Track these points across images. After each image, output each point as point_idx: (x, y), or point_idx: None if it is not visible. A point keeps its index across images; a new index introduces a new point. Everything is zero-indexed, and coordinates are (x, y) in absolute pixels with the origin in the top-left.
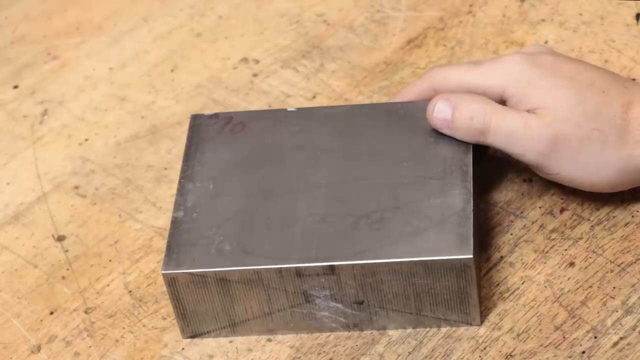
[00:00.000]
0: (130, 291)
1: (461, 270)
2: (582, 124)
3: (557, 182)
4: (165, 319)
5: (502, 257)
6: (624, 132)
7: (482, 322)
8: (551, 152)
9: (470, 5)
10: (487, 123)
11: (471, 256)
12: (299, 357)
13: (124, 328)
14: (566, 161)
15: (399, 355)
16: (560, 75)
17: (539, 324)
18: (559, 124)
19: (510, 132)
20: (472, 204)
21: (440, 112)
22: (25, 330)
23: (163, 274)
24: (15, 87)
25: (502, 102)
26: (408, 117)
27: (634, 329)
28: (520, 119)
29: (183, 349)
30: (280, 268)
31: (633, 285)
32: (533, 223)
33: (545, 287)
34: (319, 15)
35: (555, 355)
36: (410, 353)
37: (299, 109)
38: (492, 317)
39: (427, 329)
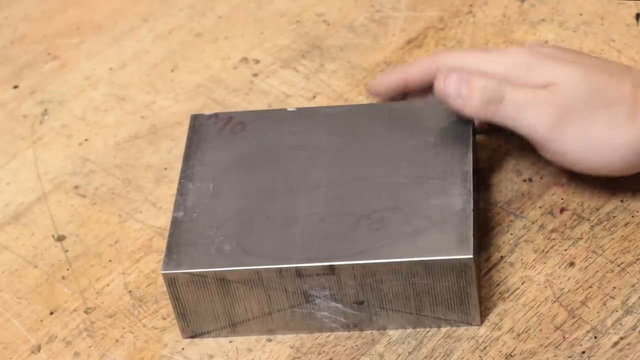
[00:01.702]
0: (130, 291)
1: (461, 270)
2: (590, 100)
3: (566, 168)
4: (165, 319)
5: (502, 257)
6: (634, 111)
7: (482, 322)
8: (560, 125)
9: (470, 5)
10: (501, 92)
11: (471, 256)
12: (299, 357)
13: (124, 328)
14: (575, 138)
15: (399, 355)
16: (563, 59)
17: (539, 324)
18: (566, 98)
19: (522, 103)
20: (472, 204)
21: (452, 82)
22: (25, 330)
23: (163, 274)
24: (15, 87)
25: None
26: (408, 117)
27: (634, 329)
28: (531, 91)
29: (183, 349)
30: (280, 268)
31: (633, 285)
32: (533, 223)
33: (545, 287)
34: (319, 15)
35: (555, 355)
36: (410, 353)
37: (299, 109)
38: (492, 317)
39: (427, 329)
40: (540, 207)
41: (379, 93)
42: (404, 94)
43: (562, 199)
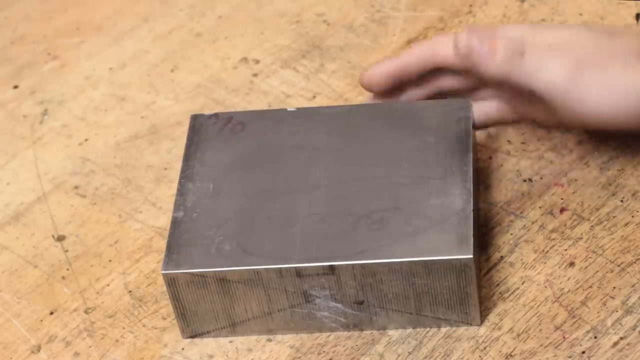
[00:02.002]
0: (130, 291)
1: (461, 270)
2: (598, 50)
3: (582, 124)
4: (165, 319)
5: (502, 257)
6: None
7: (482, 322)
8: (578, 73)
9: (470, 5)
10: (523, 46)
11: (471, 256)
12: (299, 357)
13: (124, 328)
14: (593, 84)
15: (399, 355)
16: (561, 24)
17: (539, 324)
18: (580, 48)
19: (541, 56)
20: (472, 204)
21: (475, 38)
22: (25, 330)
23: (163, 274)
24: (15, 87)
25: None
26: (408, 117)
27: (634, 329)
28: (547, 46)
29: (183, 349)
30: (280, 268)
31: (633, 285)
32: (533, 223)
33: (545, 287)
34: (319, 15)
35: (555, 355)
36: (410, 353)
37: (299, 109)
38: (492, 317)
39: (427, 329)
40: (540, 207)
41: (372, 83)
42: (399, 86)
43: (562, 199)
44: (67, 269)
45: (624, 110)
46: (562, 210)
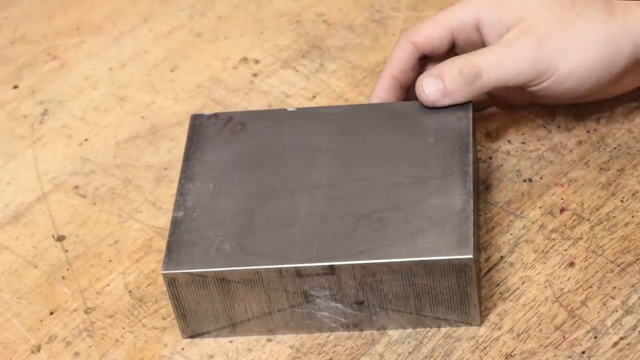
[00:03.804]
0: (130, 291)
1: (461, 270)
2: (561, 15)
3: (566, 95)
4: (165, 319)
5: (502, 257)
6: (609, 7)
7: (482, 322)
8: (542, 52)
9: None
10: (476, 65)
11: (471, 256)
12: (299, 357)
13: (124, 328)
14: (560, 53)
15: (399, 355)
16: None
17: (539, 324)
18: (538, 25)
19: (499, 59)
20: (472, 204)
21: (430, 85)
22: (25, 330)
23: (163, 274)
24: (15, 87)
25: (479, 33)
26: (408, 117)
27: (634, 329)
28: (499, 46)
29: (183, 349)
30: (280, 268)
31: (633, 285)
32: (533, 223)
33: (545, 287)
34: (319, 15)
35: (555, 355)
36: (410, 353)
37: (299, 109)
38: (492, 317)
39: (427, 329)
40: (540, 207)
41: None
42: (406, 87)
43: (562, 199)
44: (67, 269)
45: (600, 68)
46: (562, 210)
